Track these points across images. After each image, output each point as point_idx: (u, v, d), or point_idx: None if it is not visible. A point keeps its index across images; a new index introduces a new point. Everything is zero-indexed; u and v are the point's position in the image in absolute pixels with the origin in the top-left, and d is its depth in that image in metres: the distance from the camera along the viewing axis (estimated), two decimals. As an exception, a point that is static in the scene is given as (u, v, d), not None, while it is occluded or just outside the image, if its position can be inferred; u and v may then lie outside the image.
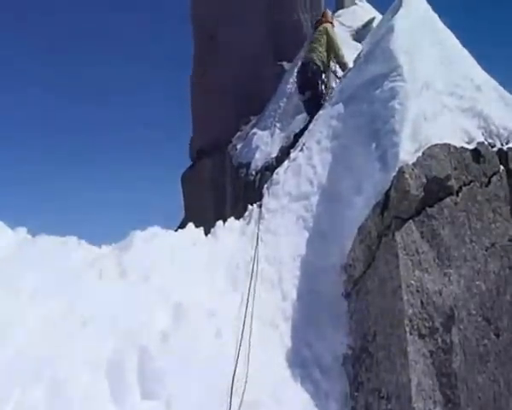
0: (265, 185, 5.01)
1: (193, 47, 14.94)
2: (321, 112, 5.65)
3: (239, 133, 12.06)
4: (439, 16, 6.73)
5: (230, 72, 13.19)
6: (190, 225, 4.42)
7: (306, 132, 5.57)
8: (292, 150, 5.44)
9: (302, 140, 5.45)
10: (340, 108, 5.23)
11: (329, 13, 7.97)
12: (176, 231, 4.89)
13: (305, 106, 7.25)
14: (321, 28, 7.08)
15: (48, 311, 2.98)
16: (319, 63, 6.85)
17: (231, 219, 4.70)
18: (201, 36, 14.20)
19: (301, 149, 5.15)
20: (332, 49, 6.93)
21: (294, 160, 5.11)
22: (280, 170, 5.12)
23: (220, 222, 4.60)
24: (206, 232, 4.51)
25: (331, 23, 7.33)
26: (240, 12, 12.95)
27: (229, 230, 4.57)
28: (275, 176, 5.04)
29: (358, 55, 6.39)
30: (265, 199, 4.75)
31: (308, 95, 6.89)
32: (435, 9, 6.77)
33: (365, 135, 4.49)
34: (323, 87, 6.89)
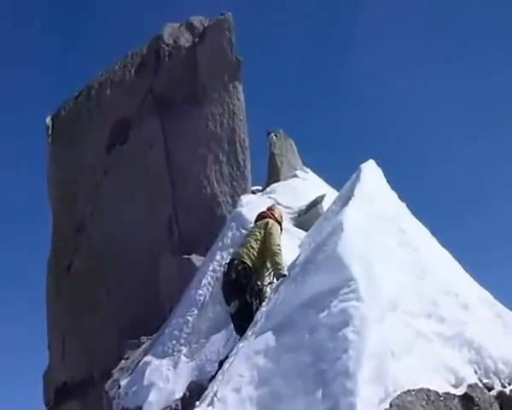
0: None
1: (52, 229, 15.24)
2: (240, 345, 5.78)
3: (123, 362, 11.59)
4: (410, 205, 7.44)
5: (110, 267, 13.30)
6: None
7: (219, 376, 5.60)
8: (197, 404, 5.47)
9: (213, 387, 5.44)
10: (268, 339, 5.34)
11: (278, 208, 8.53)
12: None
13: (233, 322, 7.44)
14: (261, 222, 7.69)
15: None
16: (248, 262, 7.21)
17: None
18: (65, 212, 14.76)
19: (211, 403, 5.10)
20: (268, 251, 7.32)
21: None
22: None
23: None
24: None
25: (279, 222, 7.89)
26: (127, 189, 13.53)
27: None
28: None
29: (293, 262, 6.75)
30: None
31: (235, 305, 7.12)
32: (404, 197, 7.54)
33: (307, 378, 4.61)
34: (252, 293, 7.17)
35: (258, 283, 7.25)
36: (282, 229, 7.82)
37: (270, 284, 7.39)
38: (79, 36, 68.98)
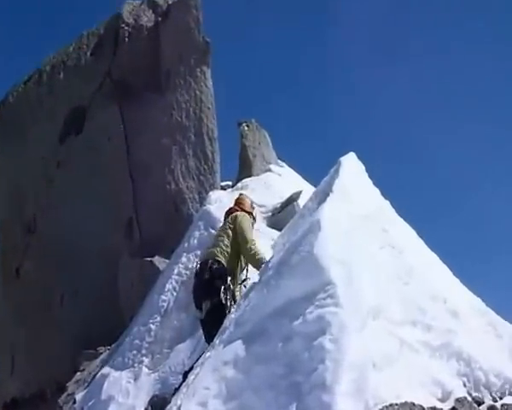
0: None
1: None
2: (207, 355, 5.81)
3: (78, 375, 11.53)
4: (395, 202, 7.50)
5: (64, 270, 13.04)
6: None
7: (183, 389, 5.64)
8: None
9: (177, 401, 5.48)
10: (237, 349, 5.31)
11: (248, 200, 8.57)
12: None
13: (203, 327, 7.50)
14: (230, 218, 7.84)
15: None
16: (223, 261, 7.37)
17: None
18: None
19: (175, 419, 5.18)
20: (241, 248, 7.46)
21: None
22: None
23: None
24: None
25: (249, 213, 8.05)
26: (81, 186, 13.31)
27: None
28: None
29: (266, 265, 6.76)
30: None
31: (207, 307, 7.16)
32: (388, 194, 7.62)
33: (279, 392, 4.56)
34: (227, 294, 7.23)
35: (232, 282, 7.27)
36: (254, 219, 7.94)
37: (244, 281, 7.42)
38: (29, 13, 67.65)
